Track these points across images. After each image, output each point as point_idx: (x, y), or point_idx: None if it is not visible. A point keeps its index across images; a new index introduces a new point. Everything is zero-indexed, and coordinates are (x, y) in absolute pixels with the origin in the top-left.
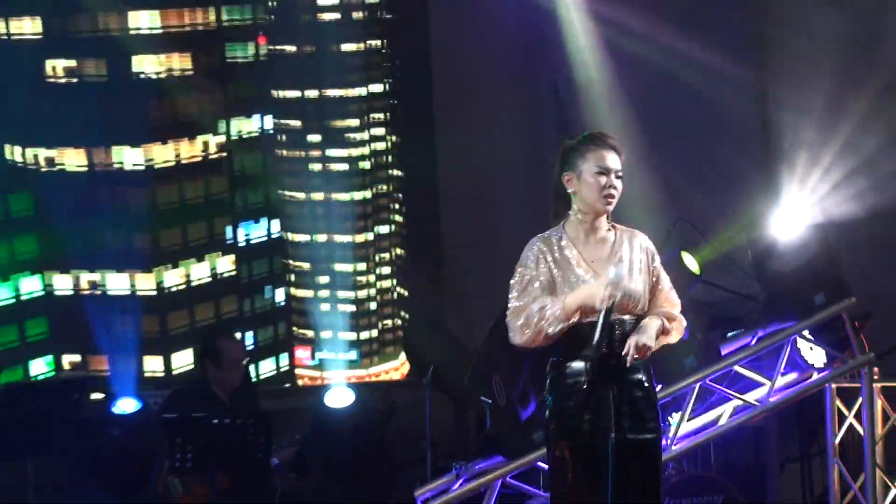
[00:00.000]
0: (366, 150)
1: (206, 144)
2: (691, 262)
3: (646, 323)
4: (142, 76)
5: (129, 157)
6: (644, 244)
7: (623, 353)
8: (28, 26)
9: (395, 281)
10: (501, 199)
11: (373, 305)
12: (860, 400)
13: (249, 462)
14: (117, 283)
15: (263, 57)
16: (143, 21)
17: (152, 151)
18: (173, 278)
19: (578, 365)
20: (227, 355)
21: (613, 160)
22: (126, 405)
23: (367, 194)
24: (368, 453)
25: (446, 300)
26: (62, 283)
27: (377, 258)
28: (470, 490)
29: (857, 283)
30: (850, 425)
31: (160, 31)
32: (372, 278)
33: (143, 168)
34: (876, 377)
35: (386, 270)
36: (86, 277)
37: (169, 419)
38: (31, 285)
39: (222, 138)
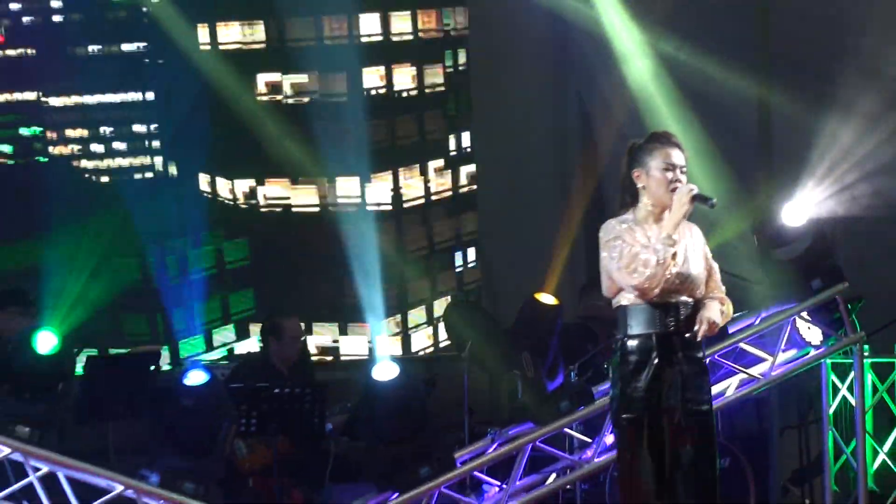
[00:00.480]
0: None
1: (456, 174)
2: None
3: (708, 304)
4: (381, 92)
5: (372, 194)
6: (699, 234)
7: (696, 328)
8: (236, 34)
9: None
10: (530, 196)
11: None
12: (852, 374)
13: (306, 427)
14: (354, 346)
15: (462, 66)
16: (374, 26)
17: (397, 185)
18: (421, 340)
19: (645, 342)
20: (287, 332)
21: (678, 157)
22: (196, 377)
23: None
24: (412, 419)
25: (482, 284)
26: None
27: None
28: (503, 453)
29: (850, 269)
30: (843, 397)
31: (410, 36)
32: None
33: (389, 206)
34: (866, 354)
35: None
36: (315, 341)
37: (235, 389)
38: (248, 349)
39: (472, 167)
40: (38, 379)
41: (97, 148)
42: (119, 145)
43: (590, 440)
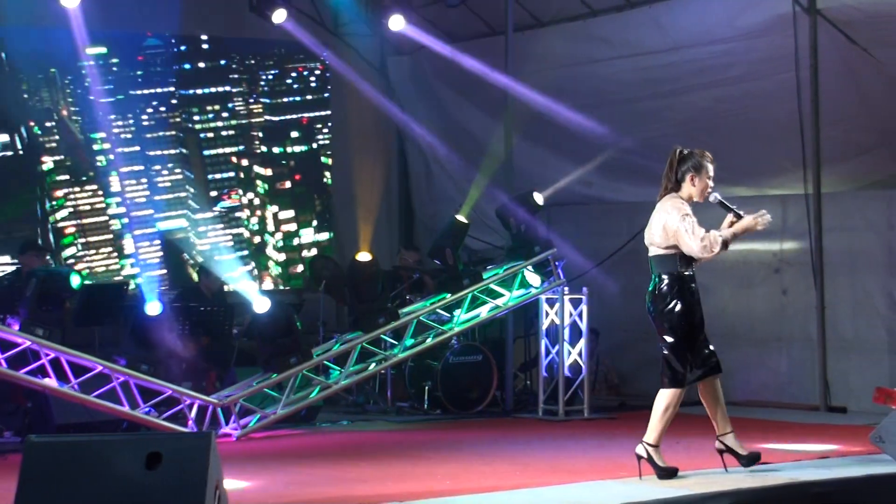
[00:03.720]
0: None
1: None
2: (462, 220)
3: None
4: None
5: None
6: None
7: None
8: None
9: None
10: (364, 197)
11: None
12: (557, 304)
13: (220, 331)
14: None
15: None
16: None
17: None
18: None
19: (690, 276)
20: (212, 275)
21: (713, 170)
22: (153, 308)
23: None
24: (285, 328)
25: (334, 245)
26: None
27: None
28: (343, 349)
29: (557, 240)
30: (551, 318)
31: None
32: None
33: None
34: (566, 293)
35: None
36: None
37: (177, 306)
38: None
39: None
40: (54, 297)
41: None
42: None
43: (396, 343)
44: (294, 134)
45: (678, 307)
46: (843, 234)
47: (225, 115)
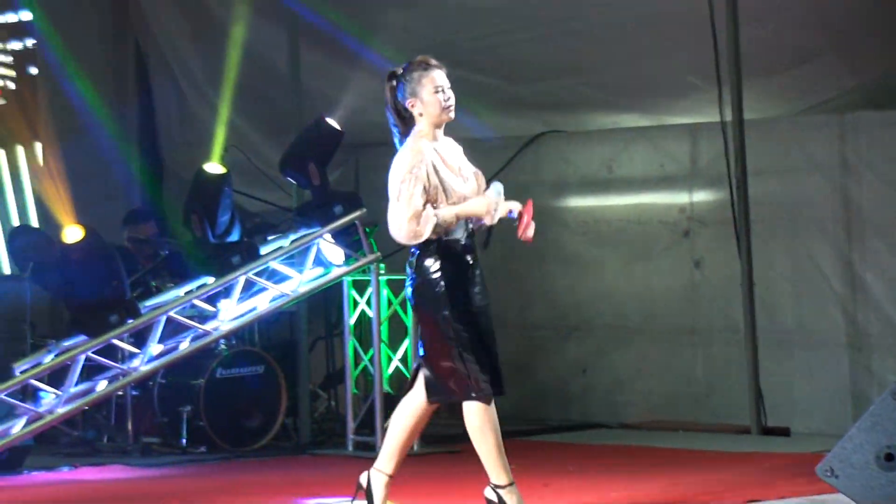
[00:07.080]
0: None
1: None
2: (213, 170)
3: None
4: None
5: None
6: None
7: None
8: None
9: None
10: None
11: None
12: (370, 290)
13: None
14: None
15: None
16: None
17: None
18: None
19: (459, 243)
20: None
21: (442, 77)
22: None
23: None
24: None
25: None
26: None
27: None
28: (59, 362)
29: (368, 197)
30: (363, 310)
31: None
32: None
33: None
34: (382, 272)
35: None
36: None
37: None
38: None
39: None
40: None
41: None
42: None
43: (138, 350)
44: None
45: (443, 282)
46: (779, 179)
47: None
